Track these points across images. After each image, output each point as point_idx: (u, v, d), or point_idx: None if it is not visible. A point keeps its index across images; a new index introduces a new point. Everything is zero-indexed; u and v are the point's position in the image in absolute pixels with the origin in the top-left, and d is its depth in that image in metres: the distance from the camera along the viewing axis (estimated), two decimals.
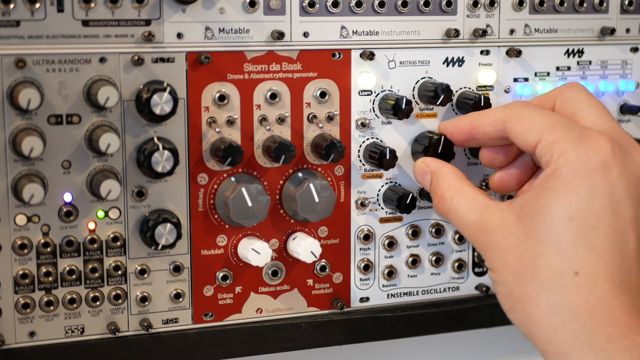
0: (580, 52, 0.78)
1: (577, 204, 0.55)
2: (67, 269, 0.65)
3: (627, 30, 0.79)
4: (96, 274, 0.66)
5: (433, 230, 0.75)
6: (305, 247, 0.69)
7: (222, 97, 0.67)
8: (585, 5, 0.76)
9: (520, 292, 0.56)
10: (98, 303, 0.66)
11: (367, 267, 0.74)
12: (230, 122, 0.67)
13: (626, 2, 0.78)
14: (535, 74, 0.76)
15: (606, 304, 0.54)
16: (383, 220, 0.74)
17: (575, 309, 0.54)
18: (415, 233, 0.75)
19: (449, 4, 0.72)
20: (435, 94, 0.70)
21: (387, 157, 0.70)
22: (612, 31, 0.77)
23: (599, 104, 0.62)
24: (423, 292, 0.76)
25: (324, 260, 0.72)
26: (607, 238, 0.55)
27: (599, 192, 0.55)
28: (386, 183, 0.73)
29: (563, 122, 0.59)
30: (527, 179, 0.66)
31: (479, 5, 0.73)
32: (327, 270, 0.72)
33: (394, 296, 0.75)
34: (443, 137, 0.70)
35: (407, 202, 0.71)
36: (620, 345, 0.53)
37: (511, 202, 0.59)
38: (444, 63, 0.73)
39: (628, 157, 0.57)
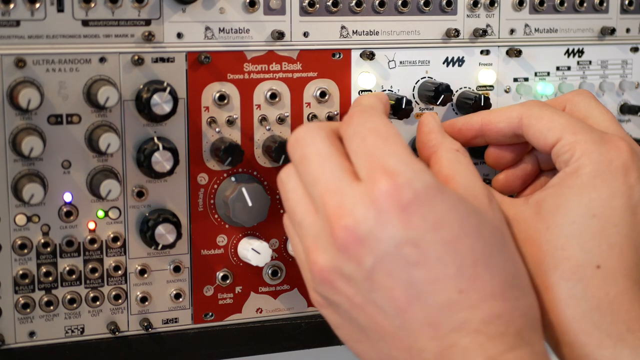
0: (580, 52, 0.78)
1: (600, 202, 0.57)
2: (67, 269, 0.65)
3: (627, 30, 0.79)
4: (96, 274, 0.66)
5: None
6: None
7: (222, 97, 0.67)
8: (585, 5, 0.76)
9: (539, 282, 0.57)
10: (98, 303, 0.66)
11: None
12: (230, 122, 0.67)
13: (626, 2, 0.78)
14: (535, 74, 0.76)
15: (626, 297, 0.55)
16: None
17: (596, 300, 0.55)
18: None
19: (449, 4, 0.72)
20: (435, 94, 0.71)
21: None
22: (612, 31, 0.77)
23: (609, 112, 0.64)
24: None
25: None
26: (627, 237, 0.57)
27: (619, 193, 0.57)
28: None
29: (582, 124, 0.60)
30: (531, 180, 0.67)
31: (479, 5, 0.73)
32: None
33: None
34: None
35: None
36: (639, 336, 0.54)
37: (526, 199, 0.60)
38: (444, 63, 0.73)
39: None
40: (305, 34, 0.69)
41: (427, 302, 0.50)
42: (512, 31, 0.75)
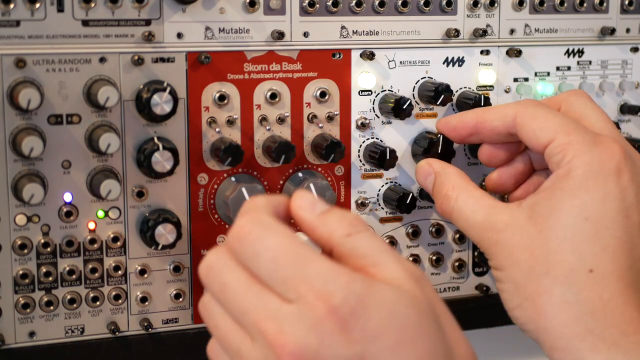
0: (580, 52, 0.78)
1: (592, 205, 0.56)
2: (67, 269, 0.65)
3: (627, 30, 0.79)
4: (96, 274, 0.66)
5: (433, 230, 0.75)
6: None
7: (222, 97, 0.67)
8: (585, 5, 0.76)
9: (533, 288, 0.56)
10: (98, 303, 0.66)
11: None
12: (230, 122, 0.67)
13: (626, 2, 0.78)
14: (535, 74, 0.76)
15: (619, 301, 0.55)
16: (383, 220, 0.74)
17: (589, 304, 0.55)
18: (415, 233, 0.75)
19: (449, 4, 0.72)
20: (435, 94, 0.71)
21: (388, 157, 0.70)
22: (612, 31, 0.77)
23: (604, 113, 0.63)
24: None
25: None
26: (620, 240, 0.56)
27: (612, 195, 0.57)
28: (386, 183, 0.73)
29: (577, 125, 0.60)
30: (524, 179, 0.67)
31: (479, 5, 0.73)
32: None
33: None
34: (441, 137, 0.70)
35: (407, 202, 0.71)
36: (634, 340, 0.54)
37: (520, 203, 0.60)
38: (444, 63, 0.73)
39: (636, 165, 0.59)
40: (305, 34, 0.69)
41: None
42: (512, 31, 0.75)
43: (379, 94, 0.72)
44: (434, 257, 0.76)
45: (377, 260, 0.50)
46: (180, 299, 0.68)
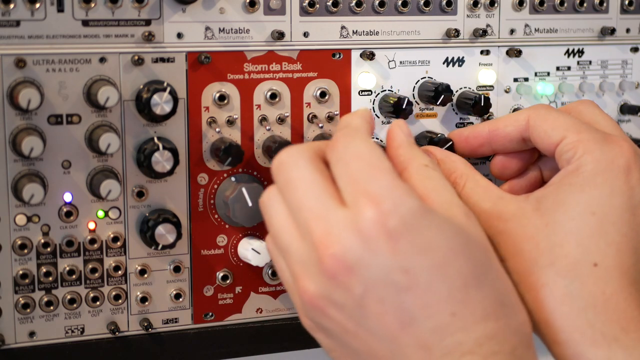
0: (580, 52, 0.78)
1: (600, 200, 0.57)
2: (67, 269, 0.65)
3: (627, 30, 0.79)
4: (96, 274, 0.66)
5: None
6: None
7: (222, 97, 0.67)
8: (585, 5, 0.76)
9: (535, 279, 0.57)
10: (98, 303, 0.66)
11: None
12: (230, 122, 0.67)
13: (626, 2, 0.78)
14: (536, 74, 0.76)
15: (621, 297, 0.55)
16: None
17: (591, 298, 0.55)
18: None
19: (449, 4, 0.72)
20: (435, 94, 0.71)
21: None
22: (612, 31, 0.77)
23: (613, 120, 0.64)
24: None
25: None
26: (626, 237, 0.57)
27: (620, 192, 0.57)
28: None
29: (587, 125, 0.61)
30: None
31: (479, 5, 0.73)
32: None
33: None
34: (451, 142, 0.69)
35: None
36: (634, 337, 0.54)
37: (527, 195, 0.60)
38: (444, 63, 0.73)
39: None
40: (305, 34, 0.69)
41: (419, 327, 0.50)
42: (512, 31, 0.75)
43: (379, 94, 0.72)
44: None
45: (439, 193, 0.54)
46: (180, 299, 0.68)
